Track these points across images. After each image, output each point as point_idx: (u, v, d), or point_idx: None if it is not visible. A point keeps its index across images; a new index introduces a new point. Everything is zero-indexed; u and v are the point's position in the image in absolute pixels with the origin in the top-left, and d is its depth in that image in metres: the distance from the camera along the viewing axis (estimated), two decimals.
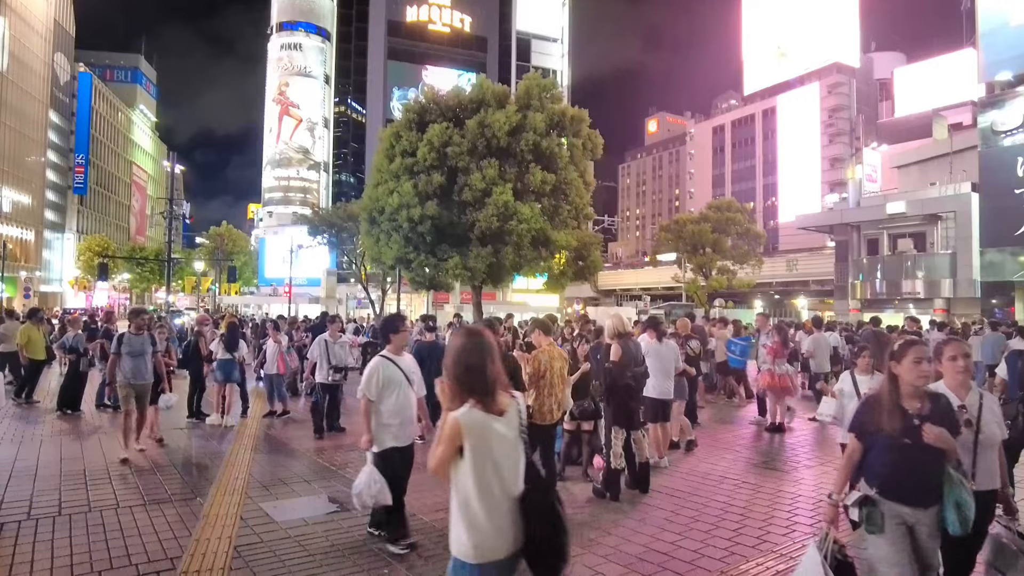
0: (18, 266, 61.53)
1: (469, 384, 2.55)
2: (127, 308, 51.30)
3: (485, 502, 2.47)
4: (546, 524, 2.51)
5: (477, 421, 2.49)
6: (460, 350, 2.60)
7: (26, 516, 5.50)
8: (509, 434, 2.55)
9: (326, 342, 9.29)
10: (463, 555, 2.48)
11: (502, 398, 2.57)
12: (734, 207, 37.87)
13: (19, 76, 62.44)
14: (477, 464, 2.47)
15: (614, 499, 6.15)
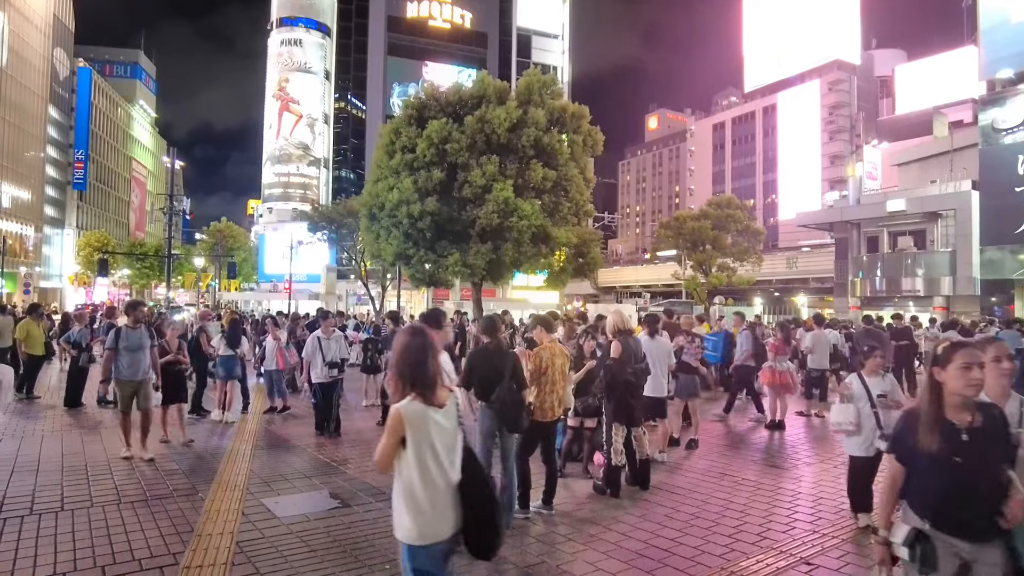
0: (18, 262, 61.47)
1: (411, 378, 2.73)
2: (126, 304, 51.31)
3: (428, 489, 2.67)
4: (483, 507, 2.75)
5: (418, 412, 2.69)
6: (404, 347, 2.79)
7: (28, 511, 5.51)
8: (448, 425, 2.77)
9: (319, 339, 9.11)
10: (410, 539, 2.68)
11: (441, 392, 2.78)
12: (734, 204, 37.84)
13: (18, 71, 62.32)
14: (419, 453, 2.67)
15: (615, 496, 6.17)
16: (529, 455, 5.64)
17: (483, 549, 2.82)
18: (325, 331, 9.26)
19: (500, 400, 5.14)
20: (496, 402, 5.16)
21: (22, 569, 4.36)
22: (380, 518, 5.50)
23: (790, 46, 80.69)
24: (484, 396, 5.27)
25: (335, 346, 9.20)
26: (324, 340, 9.11)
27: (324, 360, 8.97)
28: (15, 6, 61.72)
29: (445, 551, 2.72)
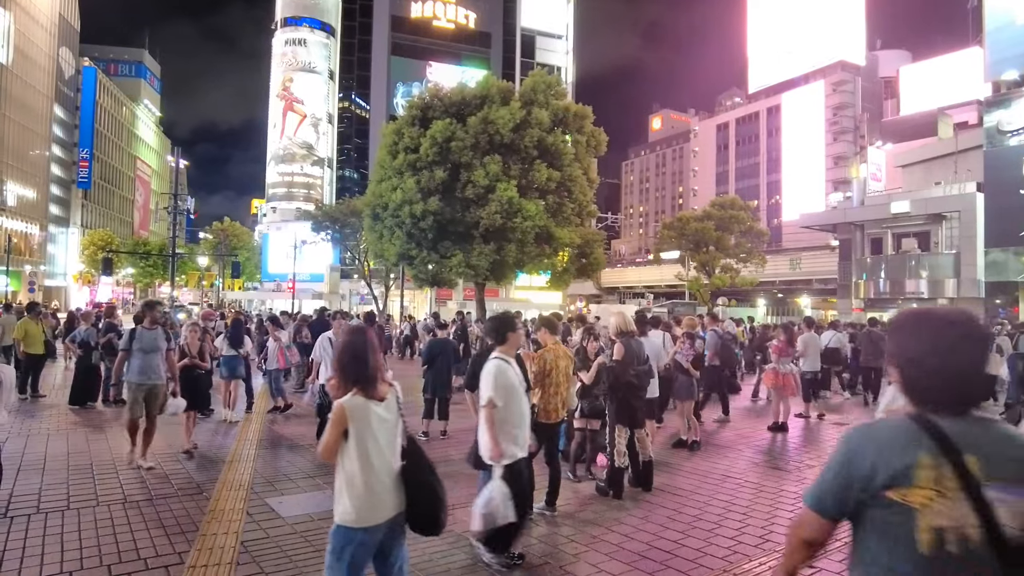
0: (22, 260, 61.68)
1: (353, 375, 2.97)
2: (132, 303, 51.47)
3: (368, 477, 2.88)
4: (423, 491, 3.00)
5: (359, 406, 2.91)
6: (346, 345, 3.05)
7: (35, 509, 5.55)
8: (389, 417, 3.00)
9: (329, 340, 8.57)
10: (346, 522, 2.89)
11: (382, 386, 3.01)
12: (737, 205, 37.85)
13: (24, 70, 62.54)
14: (360, 444, 2.89)
15: (617, 497, 6.19)
16: (533, 457, 5.65)
17: (426, 527, 3.06)
18: (335, 332, 8.90)
19: None
20: None
21: (29, 568, 4.40)
22: None
23: (794, 47, 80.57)
24: None
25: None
26: (335, 342, 8.67)
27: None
28: (21, 5, 61.91)
29: (382, 535, 2.94)
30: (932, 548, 1.51)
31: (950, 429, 1.56)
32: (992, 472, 1.51)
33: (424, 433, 8.94)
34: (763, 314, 44.94)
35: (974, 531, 1.48)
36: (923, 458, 1.54)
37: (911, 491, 1.53)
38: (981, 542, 1.48)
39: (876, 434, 1.64)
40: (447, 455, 8.05)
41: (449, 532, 5.20)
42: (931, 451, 1.54)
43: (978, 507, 1.49)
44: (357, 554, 2.88)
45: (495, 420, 4.39)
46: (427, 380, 9.37)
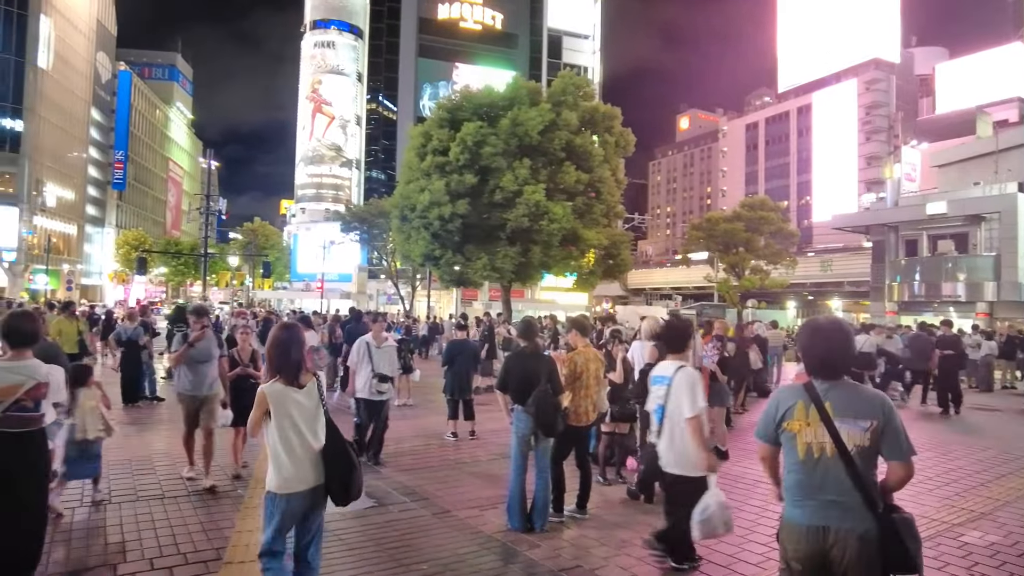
0: (61, 259, 63.36)
1: (278, 365, 3.44)
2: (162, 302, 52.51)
3: (287, 451, 3.35)
4: (340, 466, 3.40)
5: (278, 391, 3.39)
6: (274, 339, 3.49)
7: (79, 503, 5.71)
8: (308, 403, 3.44)
9: (368, 345, 7.59)
10: (273, 488, 3.38)
11: (304, 376, 3.46)
12: (767, 205, 37.34)
13: (63, 75, 64.19)
14: (280, 424, 3.36)
15: (648, 501, 6.15)
16: (563, 459, 5.66)
17: (340, 499, 3.47)
18: (376, 337, 7.75)
19: (536, 404, 5.17)
20: (532, 406, 5.19)
21: (74, 559, 4.54)
22: (415, 518, 5.58)
23: (826, 45, 79.21)
24: (520, 399, 5.30)
25: (387, 357, 7.69)
26: (375, 348, 7.62)
27: (372, 372, 7.48)
28: (61, 12, 63.57)
29: (303, 502, 3.39)
30: (805, 455, 2.69)
31: (820, 388, 2.72)
32: (840, 413, 2.65)
33: (453, 434, 8.98)
34: (793, 316, 44.28)
35: (829, 445, 2.64)
36: (799, 403, 2.72)
37: (792, 422, 2.73)
38: (832, 451, 2.63)
39: (780, 392, 2.89)
40: (475, 456, 8.09)
41: (478, 533, 5.24)
42: (804, 399, 2.72)
43: (831, 431, 2.64)
44: (285, 519, 3.39)
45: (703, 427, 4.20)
46: (447, 381, 9.40)
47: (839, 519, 2.60)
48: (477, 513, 5.71)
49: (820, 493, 2.65)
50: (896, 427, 2.63)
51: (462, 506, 5.86)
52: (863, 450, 2.61)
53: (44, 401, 3.91)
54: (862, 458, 2.61)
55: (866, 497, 2.60)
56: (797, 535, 2.70)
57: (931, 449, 9.07)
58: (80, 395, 5.54)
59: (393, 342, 8.08)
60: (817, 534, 2.63)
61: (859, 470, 2.60)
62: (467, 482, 6.72)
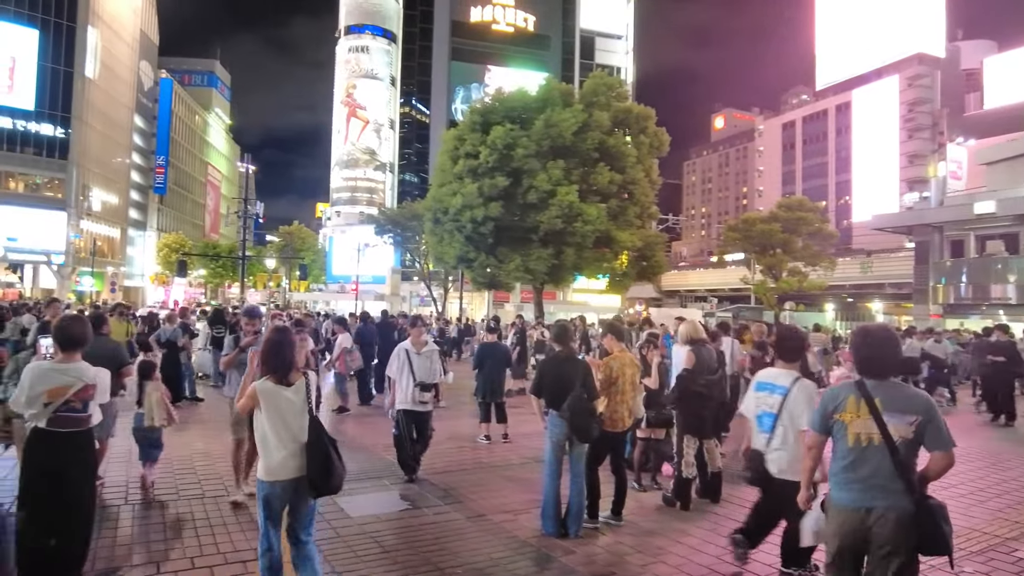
0: (105, 262, 65.33)
1: (269, 365, 3.77)
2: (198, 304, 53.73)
3: (274, 443, 3.69)
4: (320, 460, 3.68)
5: (268, 389, 3.73)
6: (269, 342, 3.85)
7: (123, 501, 5.86)
8: (295, 399, 3.77)
9: (407, 352, 7.00)
10: (261, 475, 3.75)
11: (294, 375, 3.79)
12: (805, 206, 36.57)
13: (108, 83, 66.23)
14: (268, 417, 3.71)
15: (684, 508, 6.07)
16: (598, 465, 5.60)
17: (320, 490, 3.76)
18: (415, 342, 7.14)
19: (571, 409, 5.13)
20: (566, 411, 5.15)
21: (119, 556, 4.65)
22: (449, 521, 5.58)
23: (866, 40, 77.23)
24: (554, 404, 5.27)
25: (428, 363, 7.06)
26: (414, 355, 7.03)
27: (414, 381, 6.87)
28: (107, 23, 65.63)
29: (287, 489, 3.71)
30: (854, 443, 3.04)
31: (869, 385, 3.08)
32: (887, 407, 3.00)
33: (485, 437, 8.97)
34: (831, 319, 43.29)
35: (876, 436, 2.99)
36: (851, 397, 3.09)
37: (844, 413, 3.09)
38: (879, 441, 2.99)
39: (833, 389, 3.30)
40: (508, 459, 8.06)
41: (513, 538, 5.22)
42: (855, 394, 3.08)
43: (879, 423, 2.99)
44: (271, 502, 3.73)
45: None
46: (478, 383, 9.41)
47: (881, 500, 2.97)
48: (511, 517, 5.69)
49: (866, 477, 3.01)
50: (938, 422, 3.00)
51: (496, 510, 5.85)
52: (907, 441, 2.98)
53: (91, 403, 4.01)
54: (905, 448, 2.98)
55: (906, 483, 2.96)
56: (843, 515, 3.08)
57: (981, 459, 8.76)
58: (147, 387, 6.22)
59: (434, 346, 7.40)
60: (860, 514, 3.01)
61: (902, 458, 2.97)
62: (500, 486, 6.71)
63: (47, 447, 3.85)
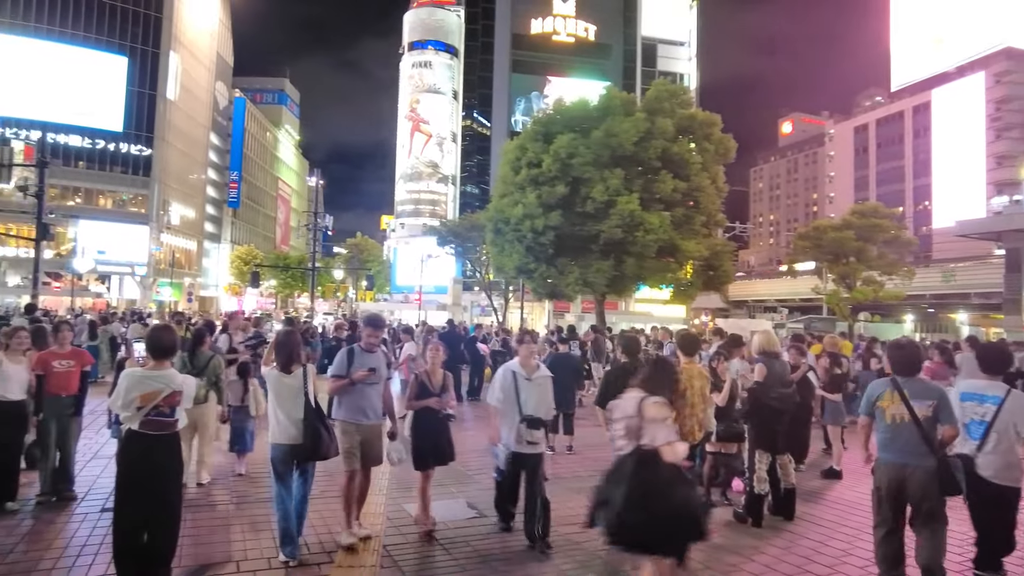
0: (183, 273, 68.87)
1: (276, 356, 4.94)
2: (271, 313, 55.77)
3: (276, 417, 4.83)
4: (311, 432, 4.71)
5: (274, 375, 4.90)
6: (276, 339, 5.14)
7: (205, 503, 6.13)
8: (293, 384, 4.83)
9: (515, 376, 5.39)
10: (269, 439, 4.88)
11: (294, 366, 4.90)
12: (880, 212, 34.94)
13: (187, 104, 70.04)
14: (275, 396, 4.86)
15: (756, 525, 5.89)
16: None
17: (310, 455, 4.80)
18: (524, 364, 5.50)
19: None
20: None
21: (204, 554, 4.87)
22: (517, 531, 5.58)
23: (948, 35, 73.18)
24: None
25: (539, 392, 5.42)
26: (524, 380, 5.38)
27: (520, 414, 5.26)
28: (187, 47, 69.54)
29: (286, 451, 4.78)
30: (890, 421, 4.28)
31: (900, 381, 4.34)
32: (913, 396, 4.22)
33: (550, 448, 8.93)
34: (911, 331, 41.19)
35: (906, 415, 4.22)
36: (887, 390, 4.35)
37: (882, 401, 4.35)
38: (908, 419, 4.21)
39: (874, 384, 4.57)
40: (575, 471, 8.01)
41: (580, 550, 5.18)
42: (890, 388, 4.34)
43: (908, 407, 4.21)
44: (276, 461, 4.82)
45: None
46: None
47: (912, 458, 4.19)
48: (579, 530, 5.63)
49: (900, 444, 4.26)
50: (948, 405, 4.29)
51: (563, 522, 5.81)
52: (927, 419, 4.21)
53: (178, 408, 4.24)
54: (927, 423, 4.21)
55: (929, 446, 4.17)
56: (887, 469, 4.32)
57: None
58: (249, 385, 7.47)
59: (547, 371, 5.66)
60: (898, 468, 4.25)
61: (925, 431, 4.19)
62: (568, 497, 6.66)
63: (139, 448, 4.09)
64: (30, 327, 6.60)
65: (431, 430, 5.55)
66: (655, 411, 3.61)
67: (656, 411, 3.60)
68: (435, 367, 5.78)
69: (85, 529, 5.35)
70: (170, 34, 64.48)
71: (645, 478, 3.45)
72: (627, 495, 3.44)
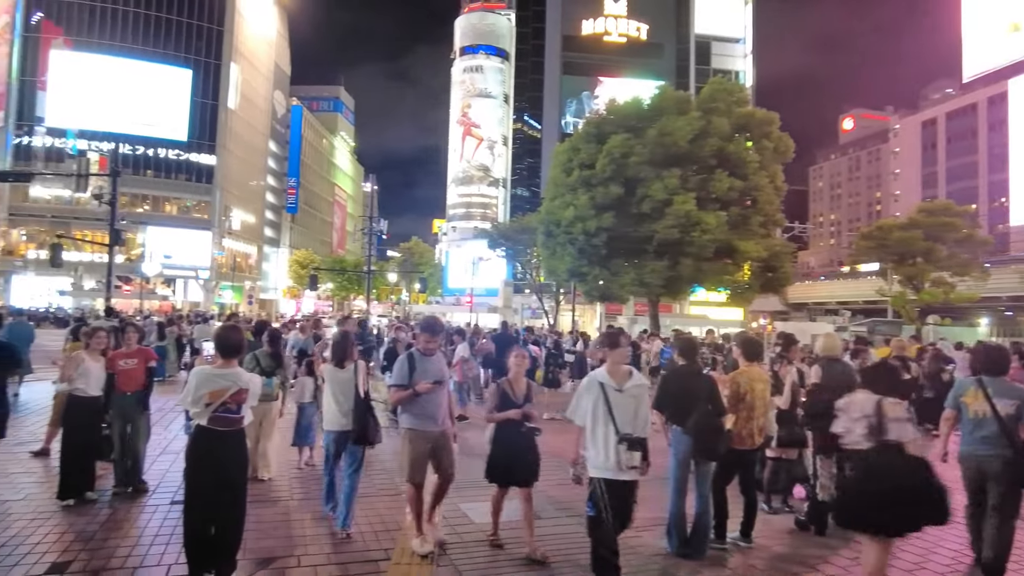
0: (244, 276, 71.32)
1: (335, 355, 5.68)
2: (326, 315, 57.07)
3: (330, 407, 5.52)
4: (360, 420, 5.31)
5: (330, 370, 5.63)
6: (335, 339, 6.06)
7: (266, 499, 6.31)
8: (346, 377, 5.51)
9: (602, 387, 4.37)
10: (325, 427, 5.62)
11: (347, 362, 5.60)
12: (951, 210, 33.34)
13: (247, 112, 72.57)
14: (330, 388, 5.56)
15: (819, 534, 5.69)
16: (726, 484, 5.38)
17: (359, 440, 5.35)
18: (613, 372, 4.46)
19: (696, 426, 4.96)
20: (692, 427, 4.98)
21: (267, 547, 5.01)
22: (571, 533, 5.55)
23: None
24: (679, 420, 5.10)
25: (634, 406, 4.40)
26: (613, 391, 4.37)
27: (617, 433, 4.26)
28: (247, 58, 72.09)
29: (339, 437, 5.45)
30: (973, 416, 4.80)
31: (984, 380, 4.84)
32: (996, 394, 4.72)
33: None
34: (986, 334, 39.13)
35: (988, 411, 4.70)
36: (972, 387, 4.87)
37: (966, 397, 4.87)
38: (990, 414, 4.69)
39: (960, 381, 5.30)
40: None
41: (636, 554, 5.11)
42: (975, 385, 4.86)
43: (990, 404, 4.70)
44: (329, 445, 5.53)
45: None
46: None
47: (993, 449, 4.63)
48: (634, 534, 5.53)
49: (981, 436, 4.71)
50: None
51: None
52: (1009, 416, 4.62)
53: (244, 405, 4.37)
54: (1008, 419, 4.61)
55: (1009, 439, 4.58)
56: (970, 459, 4.80)
57: None
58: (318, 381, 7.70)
59: (643, 380, 4.62)
60: (979, 458, 4.71)
61: (1006, 425, 4.60)
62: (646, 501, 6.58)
63: (207, 443, 4.24)
64: (107, 327, 6.98)
65: (514, 444, 5.11)
66: (896, 410, 4.10)
67: (898, 410, 4.11)
68: (518, 375, 5.36)
69: (157, 520, 5.59)
70: (231, 46, 66.97)
71: (895, 467, 3.95)
72: (876, 481, 3.94)
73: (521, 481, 5.11)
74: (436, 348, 5.29)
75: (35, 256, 56.49)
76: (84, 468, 6.06)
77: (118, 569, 4.58)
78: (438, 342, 5.41)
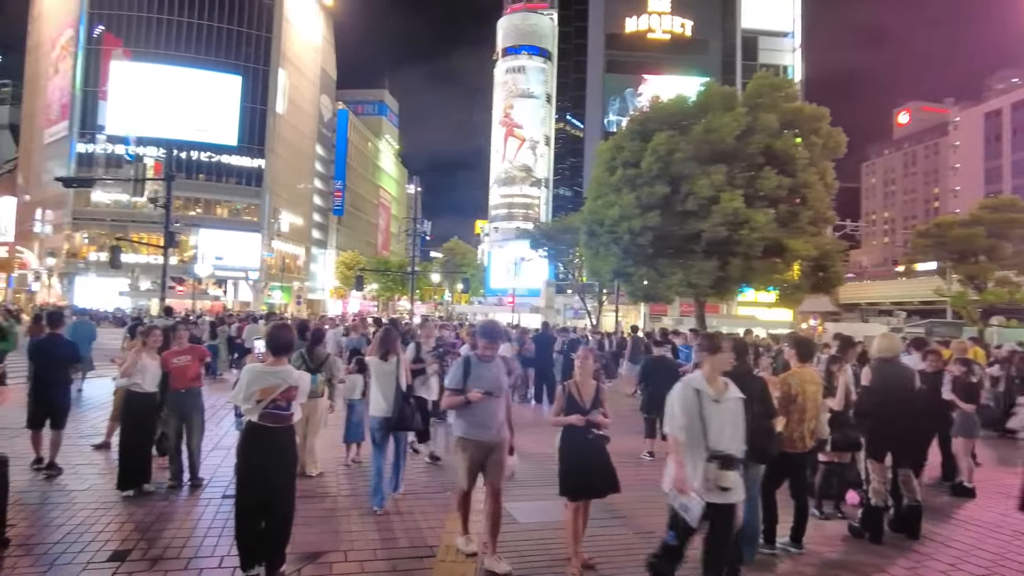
0: (292, 277, 73.02)
1: (380, 349, 6.31)
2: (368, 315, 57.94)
3: (375, 396, 6.17)
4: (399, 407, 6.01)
5: (375, 362, 6.25)
6: (380, 335, 6.68)
7: (313, 495, 6.44)
8: (389, 369, 6.15)
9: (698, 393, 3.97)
10: (370, 413, 6.28)
11: (391, 355, 6.23)
12: (1017, 206, 31.83)
13: (294, 117, 74.29)
14: (376, 379, 6.19)
15: (874, 541, 5.50)
16: (776, 488, 5.25)
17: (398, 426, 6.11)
18: (711, 379, 4.03)
19: (746, 427, 4.84)
20: None
21: (315, 542, 5.10)
22: (617, 536, 5.51)
23: None
24: None
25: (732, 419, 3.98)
26: (710, 401, 3.95)
27: (707, 450, 3.86)
28: (294, 64, 73.81)
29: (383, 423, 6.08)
30: None
31: None
32: None
33: (649, 453, 8.75)
34: None
35: None
36: None
37: None
38: None
39: None
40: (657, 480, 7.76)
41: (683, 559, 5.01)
42: None
43: None
44: (374, 430, 6.14)
45: None
46: (643, 398, 9.17)
47: None
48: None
49: None
50: None
51: (665, 529, 5.65)
52: None
53: (294, 402, 4.47)
54: None
55: None
56: None
57: None
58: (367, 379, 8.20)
59: (738, 392, 4.10)
60: None
61: None
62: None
63: (258, 439, 4.34)
64: (161, 327, 7.26)
65: (583, 452, 4.69)
66: None
67: None
68: (585, 377, 4.91)
69: (209, 513, 5.77)
70: (279, 52, 68.68)
71: None
72: None
73: (591, 493, 4.81)
74: (494, 354, 5.03)
75: (96, 258, 58.96)
76: (141, 461, 6.31)
77: (174, 559, 4.73)
78: (496, 348, 5.07)
